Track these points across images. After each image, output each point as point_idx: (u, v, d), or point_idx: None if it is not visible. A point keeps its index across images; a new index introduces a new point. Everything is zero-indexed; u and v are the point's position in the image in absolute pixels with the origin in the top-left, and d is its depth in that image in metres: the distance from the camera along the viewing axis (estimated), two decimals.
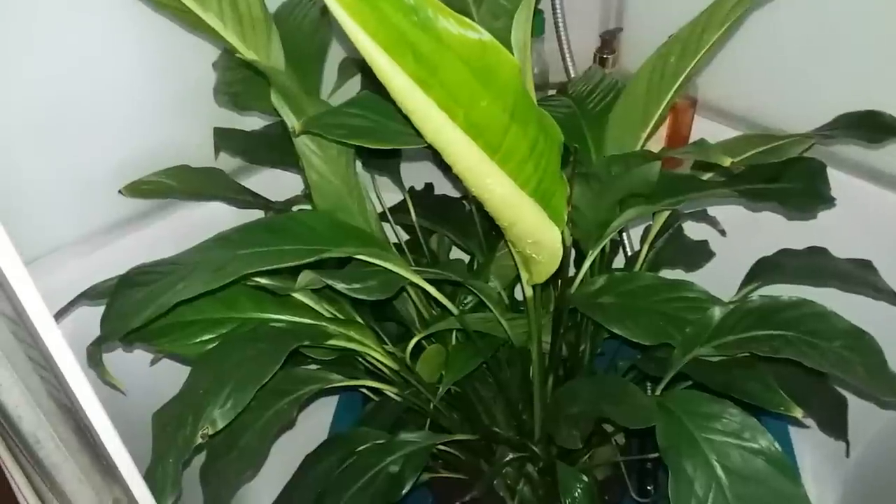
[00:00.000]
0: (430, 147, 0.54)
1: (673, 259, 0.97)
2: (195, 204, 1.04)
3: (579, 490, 0.81)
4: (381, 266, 0.68)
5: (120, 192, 0.92)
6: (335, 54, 0.99)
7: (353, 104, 0.60)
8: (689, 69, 0.70)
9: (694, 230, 1.04)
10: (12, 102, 0.85)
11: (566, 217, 0.61)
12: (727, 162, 0.52)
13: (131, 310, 0.61)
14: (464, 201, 0.99)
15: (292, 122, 0.65)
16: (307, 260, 0.59)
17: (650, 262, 0.91)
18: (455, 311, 0.73)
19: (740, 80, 1.06)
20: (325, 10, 0.84)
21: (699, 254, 1.01)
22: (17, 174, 0.89)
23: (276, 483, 0.83)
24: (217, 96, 0.87)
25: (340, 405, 1.10)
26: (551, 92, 1.19)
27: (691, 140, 1.13)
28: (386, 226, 0.94)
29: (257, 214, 1.06)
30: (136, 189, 0.93)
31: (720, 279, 0.91)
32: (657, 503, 0.93)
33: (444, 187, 1.06)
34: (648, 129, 0.73)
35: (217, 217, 1.05)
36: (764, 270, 0.85)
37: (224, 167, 1.00)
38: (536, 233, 0.57)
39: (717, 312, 0.69)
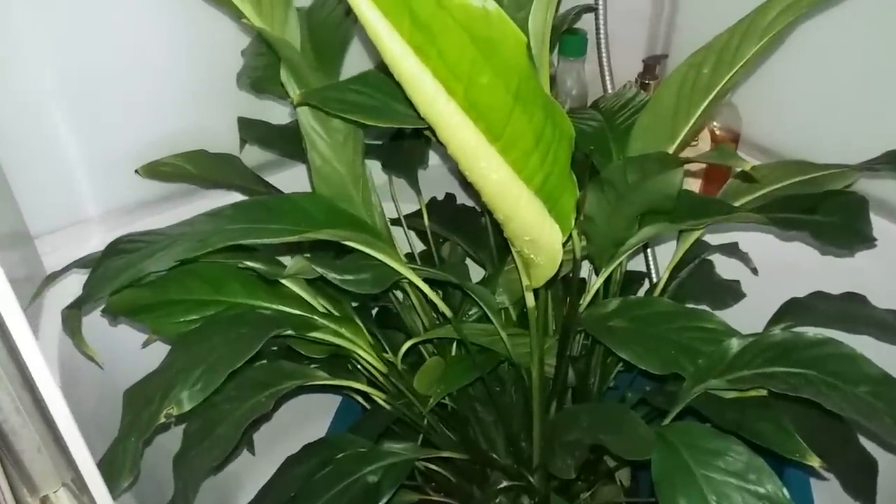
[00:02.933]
0: (431, 131, 0.51)
1: (699, 294, 0.91)
2: (215, 193, 1.03)
3: None
4: (376, 259, 0.64)
5: (136, 171, 0.92)
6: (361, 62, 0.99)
7: (358, 80, 0.57)
8: (723, 83, 0.66)
9: (725, 268, 0.98)
10: (45, 77, 0.86)
11: (573, 221, 0.57)
12: (747, 166, 0.47)
13: (112, 273, 0.59)
14: (479, 210, 0.95)
15: (296, 93, 0.63)
16: (291, 238, 0.56)
17: (674, 293, 0.86)
18: (449, 313, 0.68)
19: (787, 115, 1.01)
20: (349, 11, 0.82)
21: (728, 292, 0.95)
22: (44, 145, 0.90)
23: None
24: (239, 80, 0.86)
25: (339, 412, 1.06)
26: None
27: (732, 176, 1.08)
28: (399, 232, 0.91)
29: None
30: (153, 170, 0.92)
31: (745, 317, 0.85)
32: None
33: (465, 199, 1.03)
34: (676, 144, 0.68)
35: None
36: (793, 311, 0.78)
37: (248, 163, 0.99)
38: (534, 229, 0.53)
39: (735, 344, 0.63)
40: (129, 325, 0.83)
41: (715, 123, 1.07)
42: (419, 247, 1.02)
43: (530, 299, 0.64)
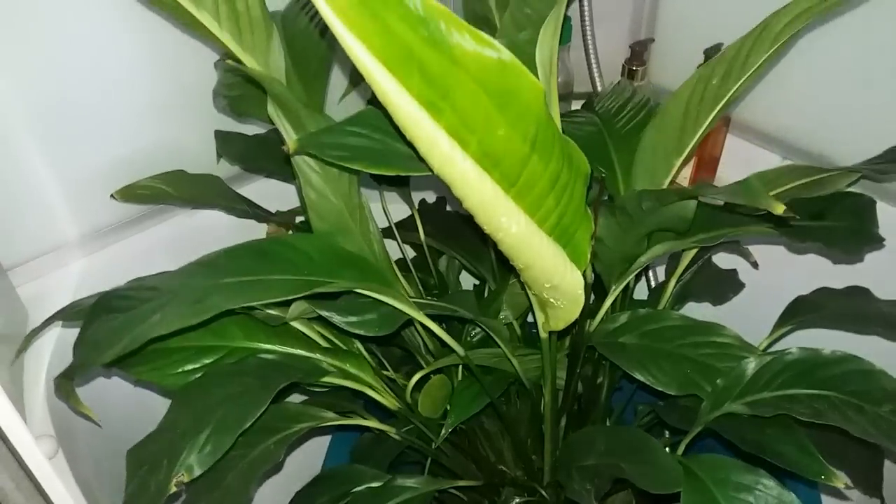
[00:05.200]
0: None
1: (699, 291, 0.90)
2: (195, 209, 0.99)
3: None
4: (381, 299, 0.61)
5: (112, 196, 0.87)
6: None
7: (354, 122, 0.54)
8: (730, 93, 0.63)
9: (723, 259, 0.97)
10: (9, 99, 0.80)
11: (589, 255, 0.55)
12: (779, 209, 0.45)
13: (105, 339, 0.55)
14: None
15: (289, 135, 0.59)
16: (296, 296, 0.53)
17: (677, 295, 0.84)
18: (462, 352, 0.66)
19: (779, 98, 0.99)
20: (326, 29, 0.78)
21: (727, 285, 0.94)
22: (15, 173, 0.85)
23: None
24: (216, 99, 0.81)
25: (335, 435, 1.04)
26: (576, 105, 1.13)
27: (722, 162, 1.06)
28: (392, 242, 0.88)
29: (256, 224, 1.00)
30: (131, 193, 0.88)
31: (752, 317, 0.84)
32: None
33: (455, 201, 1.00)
34: (683, 157, 0.66)
35: (214, 223, 1.00)
36: (800, 311, 0.77)
37: (225, 169, 0.95)
38: (555, 277, 0.50)
39: (751, 366, 0.62)
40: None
41: None
42: (411, 252, 0.99)
43: (544, 333, 0.62)
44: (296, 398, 0.76)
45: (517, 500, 0.81)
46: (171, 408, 0.62)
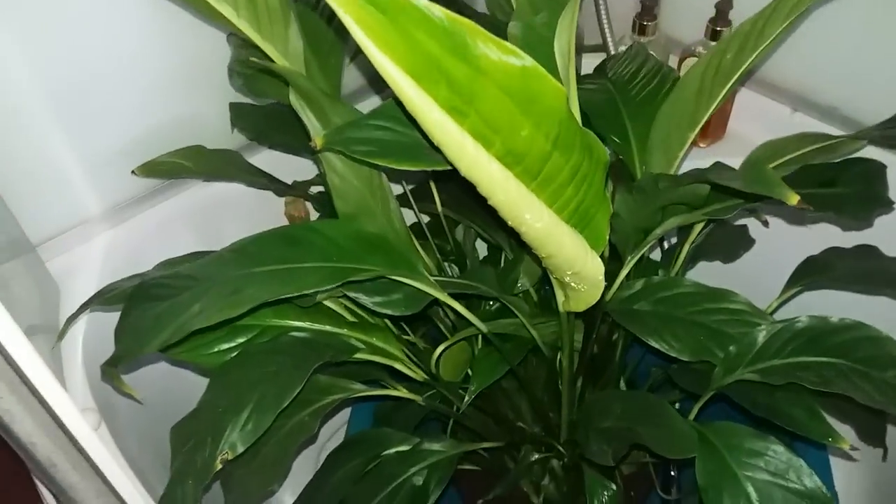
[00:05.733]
0: None
1: (711, 249, 0.92)
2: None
3: (606, 497, 0.79)
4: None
5: (133, 172, 0.89)
6: None
7: (377, 115, 0.55)
8: (745, 66, 0.64)
9: (732, 218, 0.98)
10: (28, 79, 0.81)
11: (607, 237, 0.57)
12: (794, 200, 0.46)
13: (148, 329, 0.58)
14: None
15: (314, 127, 0.60)
16: (330, 286, 0.55)
17: (689, 257, 0.86)
18: (484, 328, 0.69)
19: (791, 50, 0.98)
20: (333, 16, 0.78)
21: (738, 241, 0.96)
22: (37, 152, 0.87)
23: (291, 480, 0.82)
24: (232, 78, 0.81)
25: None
26: (586, 60, 1.13)
27: (733, 115, 1.07)
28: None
29: (272, 194, 1.02)
30: (151, 169, 0.90)
31: (762, 278, 0.86)
32: (680, 502, 0.91)
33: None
34: (697, 130, 0.67)
35: (232, 193, 1.02)
36: (810, 272, 0.80)
37: (238, 139, 0.95)
38: (577, 265, 0.53)
39: (762, 334, 0.64)
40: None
41: None
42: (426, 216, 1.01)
43: (563, 312, 0.65)
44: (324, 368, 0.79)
45: (536, 456, 0.86)
46: (210, 387, 0.65)
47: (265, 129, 0.88)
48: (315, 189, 0.97)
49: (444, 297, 0.64)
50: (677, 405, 0.86)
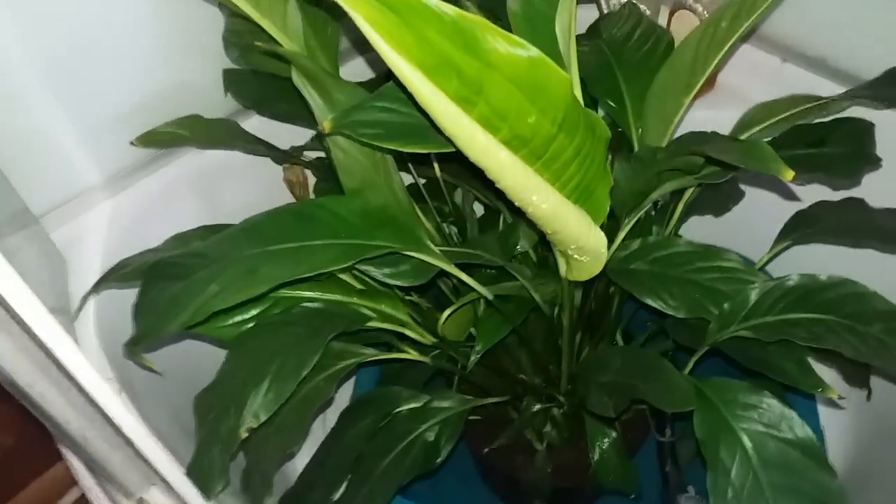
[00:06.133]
0: None
1: (702, 205, 0.94)
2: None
3: (607, 442, 0.84)
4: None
5: (132, 143, 0.90)
6: None
7: (382, 96, 0.56)
8: (738, 34, 0.65)
9: None
10: (22, 50, 0.81)
11: (608, 208, 0.59)
12: (789, 176, 0.49)
13: (167, 309, 0.61)
14: None
15: (318, 107, 0.61)
16: (343, 265, 0.57)
17: (682, 214, 0.89)
18: (489, 295, 0.72)
19: (784, 0, 0.99)
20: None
21: (729, 195, 0.98)
22: (34, 124, 0.87)
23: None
24: (227, 49, 0.81)
25: None
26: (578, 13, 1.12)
27: (724, 67, 1.08)
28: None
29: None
30: (149, 139, 0.90)
31: (753, 234, 0.89)
32: (675, 444, 0.96)
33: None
34: (692, 95, 0.69)
35: (231, 159, 1.03)
36: (799, 226, 0.82)
37: (229, 106, 0.95)
38: (581, 239, 0.55)
39: (754, 292, 0.67)
40: None
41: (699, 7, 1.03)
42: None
43: (565, 283, 0.67)
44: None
45: (538, 407, 0.90)
46: (229, 358, 0.68)
47: (260, 98, 0.88)
48: (315, 155, 0.99)
49: (450, 268, 0.66)
50: (670, 354, 0.90)
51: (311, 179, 1.06)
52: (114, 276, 0.73)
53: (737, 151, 0.53)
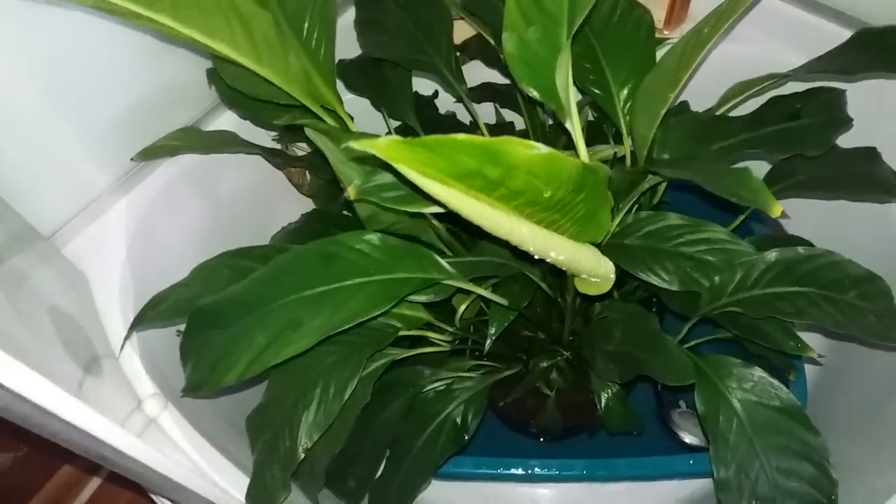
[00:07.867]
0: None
1: None
2: None
3: (611, 393, 0.93)
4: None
5: (132, 159, 0.91)
6: None
7: None
8: (720, 32, 0.68)
9: None
10: (12, 71, 0.80)
11: (609, 228, 0.64)
12: (777, 212, 0.54)
13: (218, 358, 0.66)
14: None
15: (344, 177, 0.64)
16: (382, 309, 0.63)
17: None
18: (504, 302, 0.78)
19: None
20: None
21: None
22: (27, 140, 0.87)
23: None
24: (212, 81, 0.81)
25: None
26: None
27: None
28: None
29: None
30: (149, 154, 0.92)
31: None
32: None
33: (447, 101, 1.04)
34: (677, 90, 0.72)
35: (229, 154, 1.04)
36: (777, 179, 0.88)
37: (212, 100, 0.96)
38: (591, 270, 0.61)
39: (740, 268, 0.74)
40: None
41: None
42: None
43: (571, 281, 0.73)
44: None
45: (546, 363, 0.99)
46: (273, 382, 0.74)
47: (253, 108, 0.89)
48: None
49: (466, 285, 0.72)
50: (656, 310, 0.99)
51: None
52: (152, 315, 0.77)
53: (728, 185, 0.58)
